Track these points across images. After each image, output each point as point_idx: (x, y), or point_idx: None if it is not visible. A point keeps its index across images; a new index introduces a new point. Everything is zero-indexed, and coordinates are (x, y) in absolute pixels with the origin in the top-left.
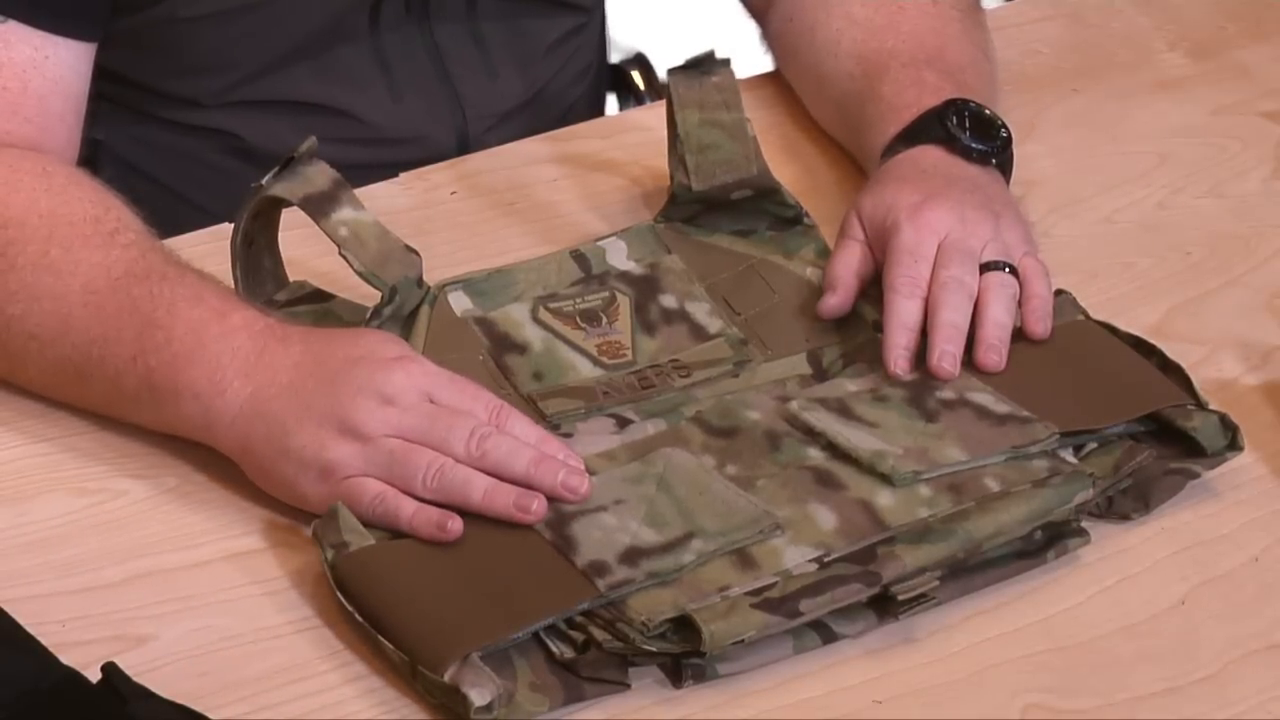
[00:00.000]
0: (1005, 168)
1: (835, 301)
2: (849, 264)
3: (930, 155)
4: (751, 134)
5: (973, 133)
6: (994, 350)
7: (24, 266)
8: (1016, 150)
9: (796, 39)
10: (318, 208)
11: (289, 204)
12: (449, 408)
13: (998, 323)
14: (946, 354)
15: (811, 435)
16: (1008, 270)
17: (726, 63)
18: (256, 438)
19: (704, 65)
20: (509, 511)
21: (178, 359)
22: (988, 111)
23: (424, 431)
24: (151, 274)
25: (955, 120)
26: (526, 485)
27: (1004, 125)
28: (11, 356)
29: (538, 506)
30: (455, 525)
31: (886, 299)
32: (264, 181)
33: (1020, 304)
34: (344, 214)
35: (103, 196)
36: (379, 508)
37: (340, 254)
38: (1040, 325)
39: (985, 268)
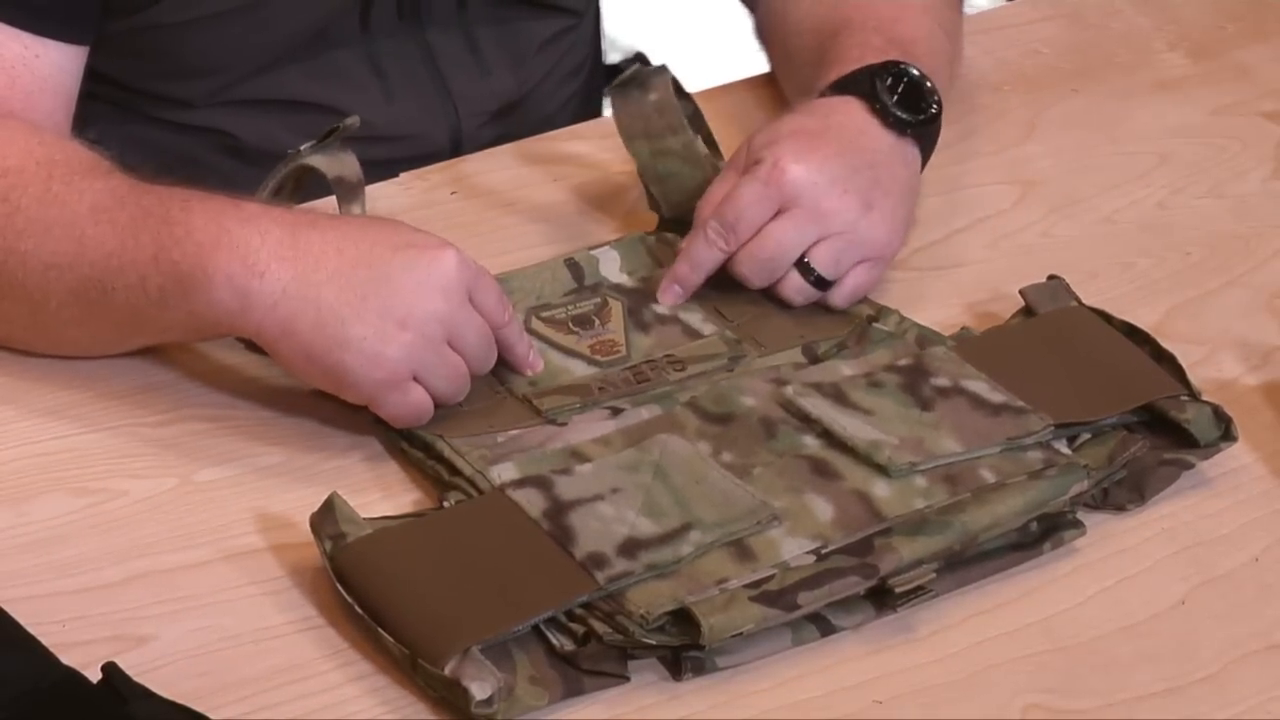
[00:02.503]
0: (924, 142)
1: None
2: (716, 201)
3: (846, 108)
4: (703, 152)
5: (902, 99)
6: (671, 292)
7: (28, 205)
8: (1016, 150)
9: (773, 24)
10: (345, 192)
11: (302, 191)
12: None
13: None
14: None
15: (807, 422)
16: (814, 281)
17: (662, 71)
18: (305, 322)
19: (640, 79)
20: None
21: (203, 248)
22: (929, 83)
23: (459, 330)
24: (156, 189)
25: (889, 80)
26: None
27: (937, 100)
28: (32, 294)
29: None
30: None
31: (692, 233)
32: (302, 149)
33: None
34: (357, 211)
35: (94, 150)
36: (414, 422)
37: None
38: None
39: (803, 269)
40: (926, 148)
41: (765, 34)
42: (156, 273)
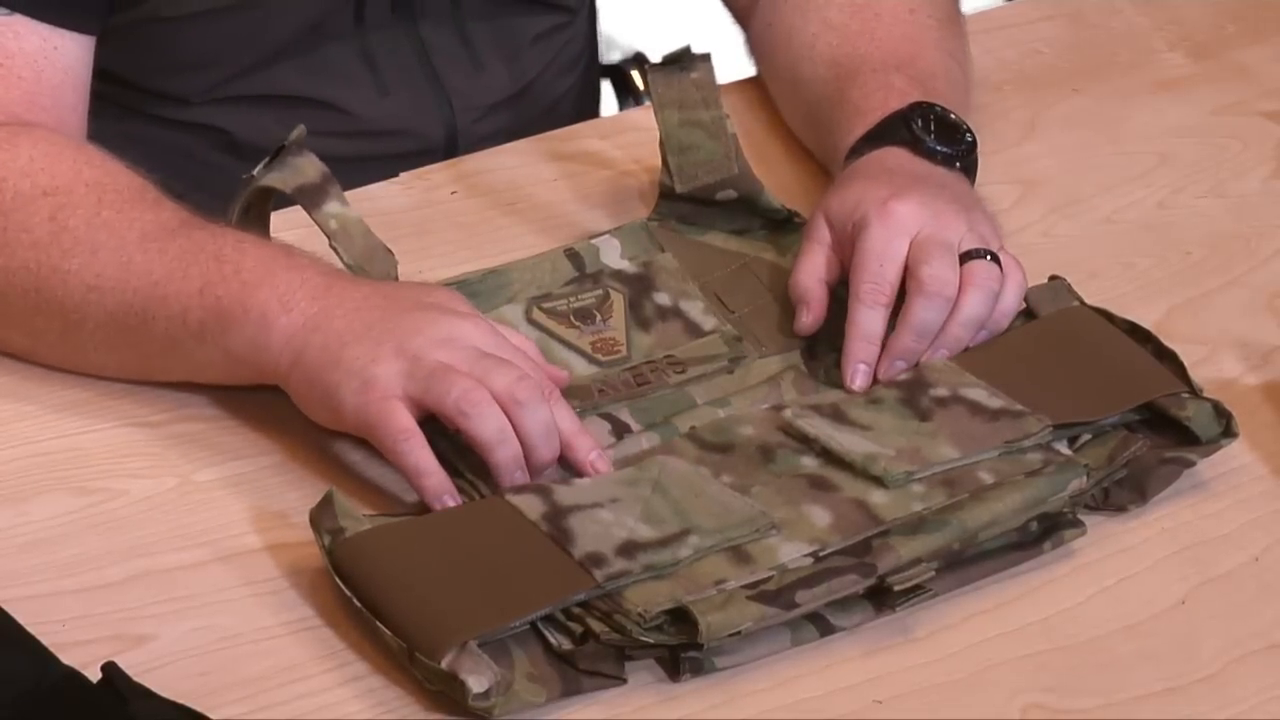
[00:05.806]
0: (969, 172)
1: (809, 320)
2: (815, 272)
3: (895, 156)
4: (731, 131)
5: (937, 136)
6: (946, 348)
7: (77, 226)
8: (1016, 150)
9: (775, 43)
10: (309, 198)
11: (279, 195)
12: (504, 359)
13: (969, 320)
14: (896, 367)
15: (805, 442)
16: (989, 258)
17: (706, 57)
18: (312, 348)
19: (683, 61)
20: (508, 469)
21: (247, 286)
22: (953, 116)
23: (470, 364)
24: (208, 224)
25: (920, 123)
26: (532, 451)
27: (969, 130)
28: (69, 313)
29: (523, 480)
30: (452, 502)
31: (850, 306)
32: (255, 172)
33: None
34: (333, 207)
35: (141, 175)
36: (400, 444)
37: (330, 245)
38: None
39: (966, 256)
40: (971, 177)
41: (763, 52)
42: (199, 306)
